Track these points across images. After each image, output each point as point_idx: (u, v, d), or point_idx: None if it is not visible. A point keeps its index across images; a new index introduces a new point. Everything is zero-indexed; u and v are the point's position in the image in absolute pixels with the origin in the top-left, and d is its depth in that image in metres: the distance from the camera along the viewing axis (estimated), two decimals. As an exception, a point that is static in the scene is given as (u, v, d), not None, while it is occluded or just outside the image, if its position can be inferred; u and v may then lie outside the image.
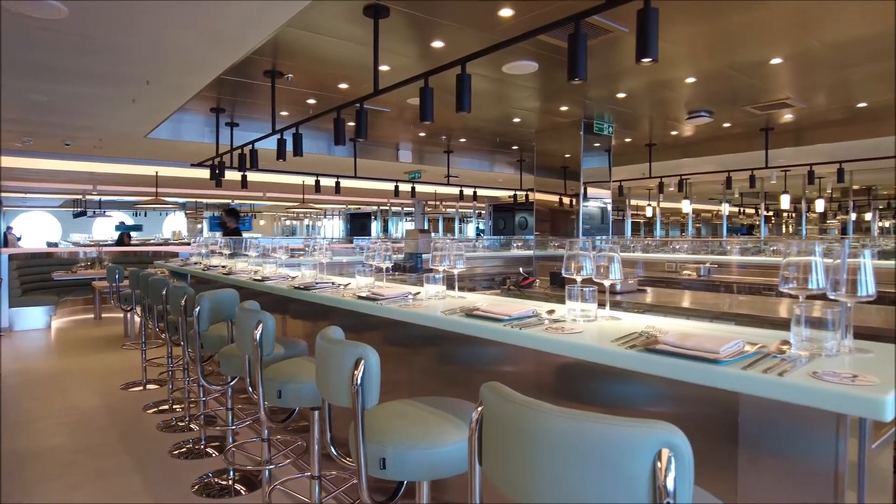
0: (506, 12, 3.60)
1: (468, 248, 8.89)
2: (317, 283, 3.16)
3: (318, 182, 8.74)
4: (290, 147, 4.87)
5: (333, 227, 23.77)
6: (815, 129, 7.14)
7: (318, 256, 3.70)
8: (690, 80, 5.09)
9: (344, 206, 20.96)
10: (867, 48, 4.37)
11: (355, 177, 8.34)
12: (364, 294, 2.61)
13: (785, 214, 17.52)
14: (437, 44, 4.20)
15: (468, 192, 10.95)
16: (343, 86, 5.40)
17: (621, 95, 5.66)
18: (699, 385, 1.41)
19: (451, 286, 2.62)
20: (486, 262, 7.22)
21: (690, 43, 4.29)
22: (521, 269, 5.72)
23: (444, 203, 15.11)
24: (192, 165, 7.73)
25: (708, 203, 13.89)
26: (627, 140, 8.04)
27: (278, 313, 4.05)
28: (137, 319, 6.54)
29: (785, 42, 4.24)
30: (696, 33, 4.09)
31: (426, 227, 16.33)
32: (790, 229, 17.45)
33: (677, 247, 7.36)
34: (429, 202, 15.11)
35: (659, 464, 0.89)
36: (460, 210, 17.67)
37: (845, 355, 1.37)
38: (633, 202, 13.49)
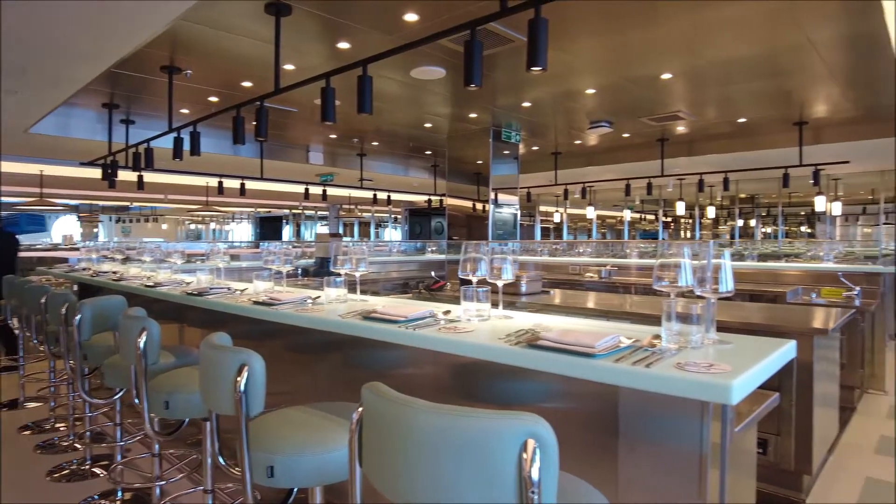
0: (411, 17, 3.62)
1: (384, 252, 8.87)
2: (212, 289, 3.02)
3: (220, 184, 8.37)
4: (187, 146, 4.63)
5: (242, 231, 22.89)
6: (705, 140, 7.71)
7: (215, 261, 3.55)
8: (591, 91, 5.35)
9: (253, 210, 20.23)
10: (746, 68, 4.78)
11: (262, 178, 8.07)
12: (260, 299, 2.52)
13: (682, 220, 18.73)
14: (343, 45, 4.15)
15: (382, 195, 10.90)
16: (247, 84, 5.21)
17: (527, 104, 5.85)
18: (584, 380, 1.47)
19: (354, 290, 2.59)
20: (402, 266, 7.22)
21: (591, 56, 4.50)
22: (432, 273, 5.76)
23: (359, 207, 14.95)
24: (82, 164, 7.17)
25: (612, 209, 14.64)
26: (535, 148, 8.32)
27: (174, 322, 3.84)
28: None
29: (675, 59, 4.55)
30: (596, 47, 4.30)
31: (340, 232, 16.08)
32: (687, 234, 18.68)
33: (581, 250, 7.70)
34: (343, 206, 14.89)
35: (525, 455, 0.91)
36: (376, 214, 17.55)
37: (709, 347, 1.48)
38: (543, 208, 13.97)
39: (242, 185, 8.48)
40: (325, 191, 10.11)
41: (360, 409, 1.15)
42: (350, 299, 2.51)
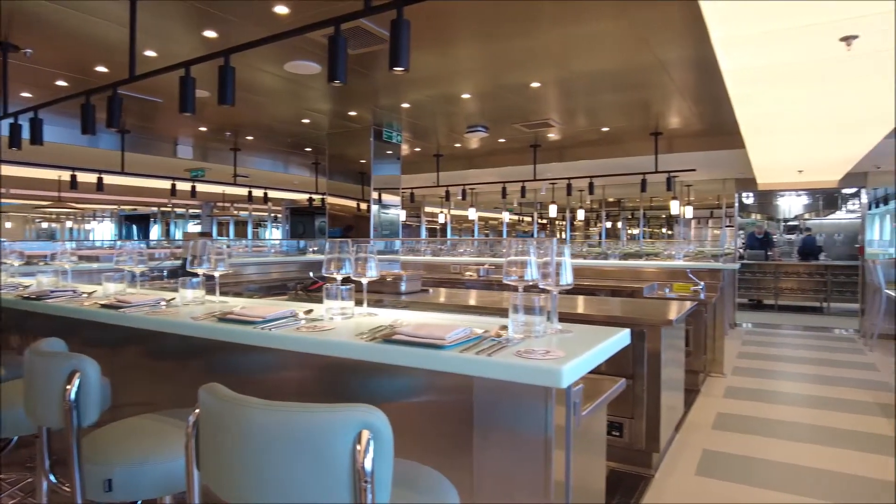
0: (281, 9, 3.52)
1: (263, 253, 8.52)
2: (53, 292, 2.73)
3: (74, 177, 7.60)
4: (27, 134, 4.15)
5: (105, 230, 20.90)
6: (574, 147, 8.23)
7: (62, 262, 3.22)
8: (467, 95, 5.51)
9: (116, 207, 18.56)
10: (609, 81, 5.16)
11: (123, 173, 7.43)
12: (108, 302, 2.33)
13: (557, 222, 19.81)
14: (210, 34, 3.94)
15: (259, 193, 10.46)
16: (101, 69, 4.78)
17: (406, 105, 5.90)
18: (445, 374, 1.52)
19: (214, 291, 2.46)
20: (283, 267, 6.98)
21: (466, 62, 4.64)
22: (311, 273, 5.63)
23: (235, 205, 14.22)
24: None
25: (493, 211, 15.20)
26: (417, 149, 8.42)
27: (11, 332, 3.42)
28: None
29: (544, 69, 4.81)
30: (472, 53, 4.44)
31: (212, 231, 15.19)
32: (561, 235, 19.79)
33: (463, 250, 7.91)
34: (217, 204, 14.09)
35: (358, 446, 0.92)
36: (255, 213, 16.81)
37: (552, 336, 1.59)
38: (428, 209, 14.19)
39: (100, 179, 7.76)
40: (194, 187, 9.51)
41: (197, 411, 1.11)
42: (209, 301, 2.39)
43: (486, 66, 4.79)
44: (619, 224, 16.77)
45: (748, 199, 15.22)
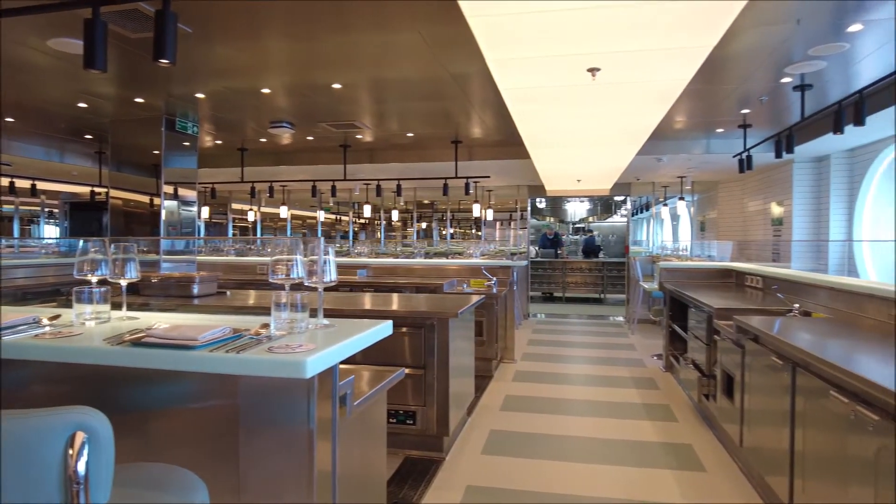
0: (39, -22, 3.11)
1: (34, 254, 7.35)
2: None
3: None
4: None
5: None
6: (384, 150, 8.45)
7: None
8: (266, 90, 5.37)
9: None
10: (411, 89, 5.40)
11: None
12: None
13: (375, 222, 20.07)
14: (-56, -5, 3.33)
15: (24, 184, 9.01)
16: None
17: (200, 96, 5.57)
18: (212, 376, 1.50)
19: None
20: (60, 269, 6.10)
21: (266, 56, 4.52)
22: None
23: (-4, 198, 12.03)
24: None
25: (309, 210, 14.93)
26: (219, 142, 7.96)
27: None
28: None
29: (345, 72, 4.88)
30: (272, 49, 4.34)
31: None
32: (377, 235, 20.14)
33: (270, 250, 7.66)
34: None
35: (71, 449, 0.90)
36: (22, 207, 14.40)
37: (316, 331, 1.67)
38: (237, 206, 13.46)
39: None
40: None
41: None
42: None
43: (288, 64, 4.72)
44: (434, 225, 17.54)
45: (541, 203, 16.96)
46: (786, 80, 4.89)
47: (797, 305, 3.96)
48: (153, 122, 6.16)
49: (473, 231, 20.21)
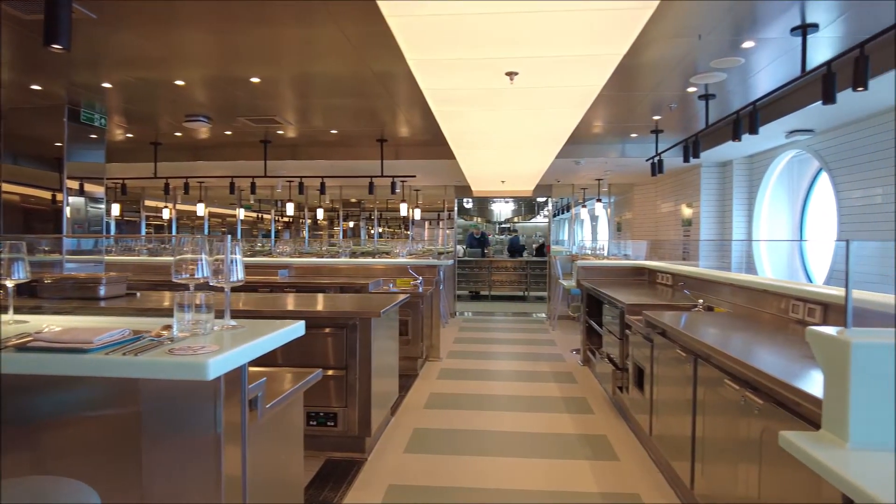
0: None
1: None
2: None
3: None
4: None
5: None
6: (307, 146, 8.26)
7: None
8: (180, 82, 5.13)
9: None
10: (334, 86, 5.31)
11: None
12: None
13: (301, 221, 19.62)
14: None
15: None
16: None
17: (108, 85, 5.24)
18: (111, 381, 1.42)
19: None
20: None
21: (176, 46, 4.31)
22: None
23: None
24: None
25: (229, 207, 14.39)
26: (130, 135, 7.53)
27: None
28: None
29: (263, 65, 4.73)
30: (183, 39, 4.14)
31: None
32: (303, 234, 19.70)
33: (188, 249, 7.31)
34: None
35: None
36: None
37: (223, 332, 1.62)
38: (151, 203, 12.77)
39: None
40: None
41: None
42: None
43: (203, 55, 4.53)
44: (362, 224, 17.36)
45: (468, 203, 17.19)
46: (691, 89, 5.20)
47: (702, 301, 4.23)
48: (54, 111, 5.74)
49: (403, 231, 20.18)
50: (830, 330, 1.43)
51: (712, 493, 2.62)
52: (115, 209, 10.26)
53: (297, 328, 1.76)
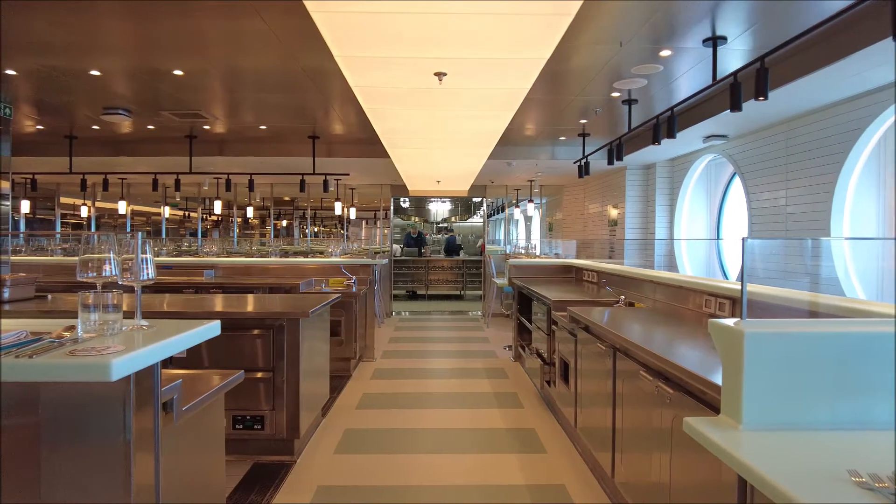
0: None
1: None
2: None
3: None
4: None
5: None
6: (235, 142, 8.01)
7: None
8: (96, 72, 4.86)
9: None
10: (259, 80, 5.17)
11: None
12: None
13: (231, 219, 19.00)
14: None
15: None
16: None
17: (12, 73, 4.90)
18: (13, 387, 1.31)
19: None
20: None
21: (90, 34, 4.08)
22: None
23: None
24: None
25: (153, 205, 13.73)
26: (41, 128, 7.06)
27: None
28: None
29: (186, 57, 4.56)
30: (98, 25, 3.92)
31: None
32: (231, 232, 19.13)
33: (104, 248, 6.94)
34: None
35: None
36: None
37: (133, 332, 1.55)
38: (67, 200, 12.00)
39: None
40: None
41: None
42: None
43: (120, 44, 4.30)
44: (295, 222, 17.01)
45: (405, 203, 17.18)
46: (615, 94, 5.42)
47: (623, 297, 4.41)
48: (-49, 100, 5.30)
49: (339, 230, 19.90)
50: (728, 321, 1.54)
51: (630, 481, 2.74)
52: (25, 206, 9.59)
53: (212, 328, 1.71)
